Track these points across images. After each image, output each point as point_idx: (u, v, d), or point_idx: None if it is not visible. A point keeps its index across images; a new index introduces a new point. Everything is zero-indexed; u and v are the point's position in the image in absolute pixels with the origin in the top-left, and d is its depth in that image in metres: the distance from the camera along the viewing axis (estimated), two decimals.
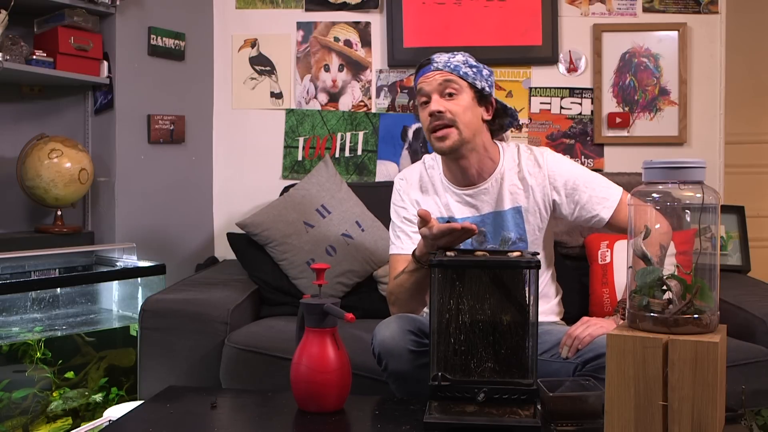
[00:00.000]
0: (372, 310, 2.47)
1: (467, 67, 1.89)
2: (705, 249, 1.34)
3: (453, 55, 1.91)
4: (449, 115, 1.85)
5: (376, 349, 1.76)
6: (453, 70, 1.87)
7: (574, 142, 3.03)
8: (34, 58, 2.50)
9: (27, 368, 2.30)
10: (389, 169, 3.06)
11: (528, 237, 1.94)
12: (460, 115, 1.86)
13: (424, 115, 1.90)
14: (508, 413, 1.49)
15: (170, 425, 1.55)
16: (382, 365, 1.76)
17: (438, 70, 1.88)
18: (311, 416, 1.58)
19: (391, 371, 1.75)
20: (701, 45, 3.00)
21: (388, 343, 1.73)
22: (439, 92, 1.87)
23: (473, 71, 1.89)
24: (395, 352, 1.71)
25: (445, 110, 1.85)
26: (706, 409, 1.23)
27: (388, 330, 1.75)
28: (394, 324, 1.75)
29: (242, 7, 3.14)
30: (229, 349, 2.15)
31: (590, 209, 1.92)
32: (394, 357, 1.72)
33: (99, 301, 2.69)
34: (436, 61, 1.89)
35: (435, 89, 1.87)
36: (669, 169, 1.35)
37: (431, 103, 1.87)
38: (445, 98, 1.87)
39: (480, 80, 1.90)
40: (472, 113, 1.89)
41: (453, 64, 1.88)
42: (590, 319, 1.78)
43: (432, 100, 1.87)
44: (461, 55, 1.91)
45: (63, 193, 2.57)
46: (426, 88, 1.88)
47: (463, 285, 1.53)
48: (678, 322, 1.28)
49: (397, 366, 1.72)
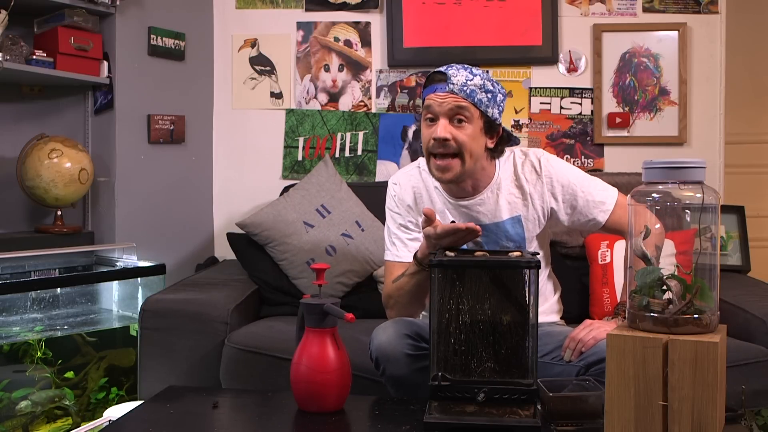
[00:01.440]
0: (372, 310, 2.47)
1: (483, 92, 1.78)
2: (705, 249, 1.34)
3: (471, 76, 1.78)
4: (454, 144, 1.77)
5: (374, 354, 1.75)
6: (468, 96, 1.76)
7: (574, 142, 3.03)
8: (34, 58, 2.50)
9: (27, 368, 2.30)
10: (389, 169, 3.06)
11: (527, 244, 1.93)
12: (467, 145, 1.78)
13: (428, 133, 1.80)
14: (508, 413, 1.49)
15: (170, 425, 1.55)
16: (380, 370, 1.76)
17: (452, 93, 1.76)
18: (311, 416, 1.58)
19: (389, 376, 1.74)
20: (701, 45, 3.00)
21: (385, 348, 1.72)
22: (449, 117, 1.77)
23: (488, 97, 1.79)
24: (392, 357, 1.71)
25: (451, 138, 1.77)
26: (706, 409, 1.23)
27: (384, 334, 1.74)
28: (390, 328, 1.75)
29: (242, 7, 3.14)
30: (229, 349, 2.15)
31: (587, 213, 1.91)
32: (392, 361, 1.71)
33: (99, 301, 2.69)
34: (452, 82, 1.76)
35: (445, 113, 1.77)
36: (669, 169, 1.35)
37: (438, 127, 1.77)
38: (454, 124, 1.77)
39: (492, 107, 1.80)
40: (477, 143, 1.80)
41: (469, 89, 1.76)
42: (593, 322, 1.78)
43: (439, 124, 1.77)
44: (479, 77, 1.79)
45: (63, 193, 2.57)
46: (436, 108, 1.78)
47: (463, 285, 1.53)
48: (678, 322, 1.28)
49: (395, 370, 1.72)
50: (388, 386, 1.78)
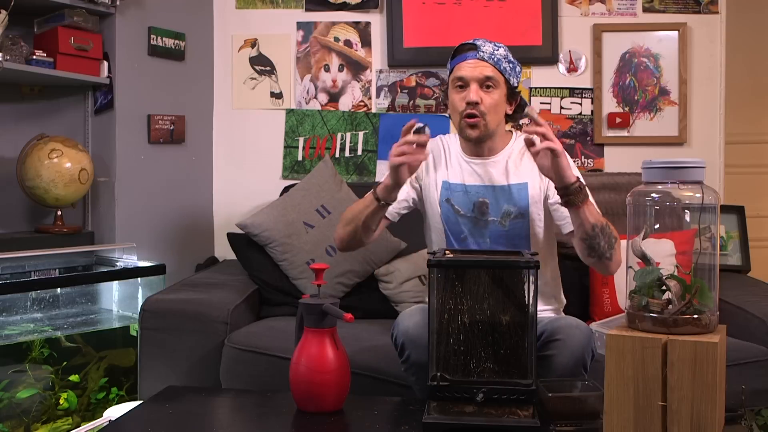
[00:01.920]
0: (372, 310, 2.47)
1: (507, 62, 1.96)
2: (705, 249, 1.34)
3: (496, 47, 1.96)
4: (482, 108, 1.93)
5: (399, 339, 1.75)
6: (496, 64, 1.94)
7: (574, 142, 3.03)
8: (34, 58, 2.50)
9: (27, 368, 2.30)
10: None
11: (530, 214, 1.98)
12: (492, 110, 1.94)
13: (459, 98, 1.95)
14: (507, 413, 1.49)
15: (170, 425, 1.55)
16: (403, 356, 1.75)
17: (482, 60, 1.93)
18: (310, 416, 1.58)
19: (413, 361, 1.74)
20: (701, 45, 3.00)
21: (412, 333, 1.72)
22: (479, 82, 1.93)
23: (510, 67, 1.97)
24: (420, 342, 1.68)
25: (481, 102, 1.92)
26: (706, 409, 1.23)
27: (411, 320, 1.75)
28: (417, 315, 1.75)
29: (242, 7, 3.14)
30: (229, 349, 2.15)
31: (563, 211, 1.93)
32: (419, 347, 1.69)
33: (99, 301, 2.69)
34: (482, 50, 1.94)
35: (476, 78, 1.93)
36: (668, 169, 1.35)
37: (470, 91, 1.92)
38: (483, 89, 1.93)
39: (513, 77, 1.98)
40: (500, 108, 1.97)
41: (497, 57, 1.94)
42: None
43: (471, 89, 1.93)
44: (503, 48, 1.97)
45: (63, 193, 2.57)
46: (467, 75, 1.93)
47: (463, 285, 1.53)
48: (677, 322, 1.28)
49: (420, 356, 1.69)
50: (409, 374, 1.78)
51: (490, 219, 1.98)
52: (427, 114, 3.05)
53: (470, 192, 2.00)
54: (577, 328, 1.73)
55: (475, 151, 2.03)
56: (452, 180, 2.03)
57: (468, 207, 2.00)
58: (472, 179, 2.02)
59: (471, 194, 2.00)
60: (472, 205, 1.99)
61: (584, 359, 1.70)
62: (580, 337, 1.70)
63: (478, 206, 1.99)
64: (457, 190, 2.02)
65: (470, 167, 2.03)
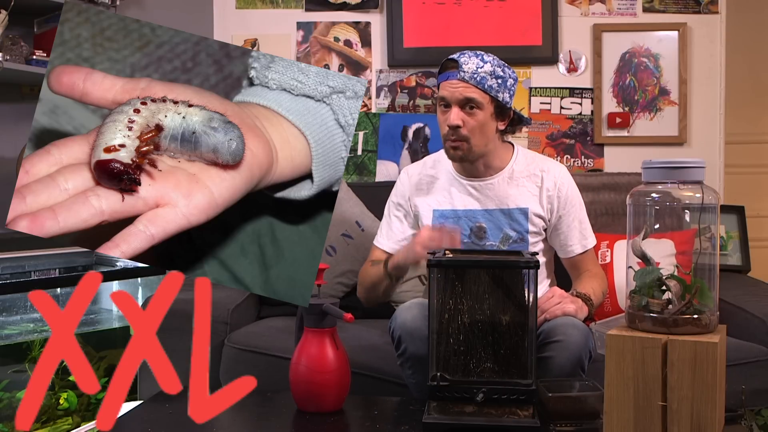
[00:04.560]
0: (372, 310, 2.47)
1: (493, 78, 1.86)
2: (705, 249, 1.34)
3: (482, 63, 1.87)
4: (464, 132, 1.87)
5: (396, 332, 1.75)
6: (478, 84, 1.85)
7: (574, 142, 3.03)
8: (34, 58, 2.50)
9: (27, 368, 2.30)
10: (389, 169, 3.06)
11: (529, 238, 1.95)
12: (476, 132, 1.88)
13: (443, 119, 1.90)
14: (507, 413, 1.49)
15: (170, 425, 1.55)
16: (400, 349, 1.75)
17: (464, 81, 1.85)
18: (310, 416, 1.58)
19: (410, 354, 1.74)
20: (701, 45, 3.00)
21: (409, 326, 1.72)
22: (460, 105, 1.87)
23: (498, 82, 1.87)
24: (417, 335, 1.69)
25: (462, 125, 1.86)
26: (706, 409, 1.23)
27: (410, 313, 1.75)
28: (415, 308, 1.75)
29: (242, 7, 3.14)
30: (229, 349, 2.15)
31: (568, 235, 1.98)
32: (416, 340, 1.70)
33: (99, 301, 2.69)
34: (463, 70, 1.85)
35: (457, 101, 1.86)
36: (668, 169, 1.35)
37: (451, 114, 1.87)
38: (465, 111, 1.87)
39: (503, 92, 1.89)
40: (488, 127, 1.90)
41: (480, 77, 1.85)
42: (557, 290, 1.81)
43: (452, 111, 1.87)
44: (490, 63, 1.88)
45: None
46: (448, 97, 1.88)
47: (463, 285, 1.53)
48: (677, 322, 1.28)
49: (417, 349, 1.70)
50: (405, 367, 1.78)
51: (488, 244, 1.96)
52: (427, 114, 3.05)
53: (464, 217, 1.98)
54: (575, 328, 1.72)
55: (470, 170, 1.98)
56: (442, 207, 2.00)
57: (464, 232, 1.96)
58: (467, 203, 1.98)
59: (465, 219, 1.97)
60: (469, 230, 1.96)
61: (582, 360, 1.70)
62: (578, 338, 1.70)
63: (475, 231, 1.95)
64: (449, 216, 1.99)
65: (466, 189, 1.99)
